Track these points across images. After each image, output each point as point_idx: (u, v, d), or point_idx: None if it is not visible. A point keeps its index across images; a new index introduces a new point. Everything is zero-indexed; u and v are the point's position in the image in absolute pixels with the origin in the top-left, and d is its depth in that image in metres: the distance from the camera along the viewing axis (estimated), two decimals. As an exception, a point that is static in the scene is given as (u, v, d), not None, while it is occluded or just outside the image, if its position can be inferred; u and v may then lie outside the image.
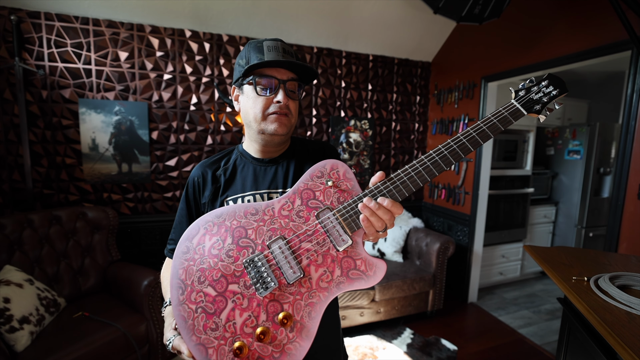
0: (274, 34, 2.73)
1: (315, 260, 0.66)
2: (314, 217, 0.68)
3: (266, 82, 0.79)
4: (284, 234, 0.67)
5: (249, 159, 0.89)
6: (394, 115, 3.35)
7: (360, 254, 0.66)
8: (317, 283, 0.65)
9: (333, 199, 0.69)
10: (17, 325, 1.54)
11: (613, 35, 1.88)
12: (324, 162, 0.72)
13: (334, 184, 0.69)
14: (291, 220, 0.68)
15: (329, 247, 0.66)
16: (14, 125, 2.21)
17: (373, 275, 0.65)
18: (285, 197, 0.71)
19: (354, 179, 0.70)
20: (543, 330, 2.68)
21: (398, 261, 2.83)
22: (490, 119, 0.68)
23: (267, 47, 0.79)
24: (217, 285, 0.65)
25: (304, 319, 0.64)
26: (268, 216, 0.69)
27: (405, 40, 3.09)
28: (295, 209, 0.69)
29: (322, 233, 0.67)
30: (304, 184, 0.71)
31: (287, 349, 0.62)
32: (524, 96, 0.70)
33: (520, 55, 2.46)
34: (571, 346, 1.18)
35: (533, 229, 3.64)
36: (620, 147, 1.87)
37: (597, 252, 1.30)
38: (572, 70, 3.74)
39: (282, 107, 0.79)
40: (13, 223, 1.95)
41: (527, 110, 0.68)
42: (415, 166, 0.66)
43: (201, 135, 2.69)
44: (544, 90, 0.70)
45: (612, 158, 3.42)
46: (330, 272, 0.65)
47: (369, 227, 0.64)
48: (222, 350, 0.61)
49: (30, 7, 2.17)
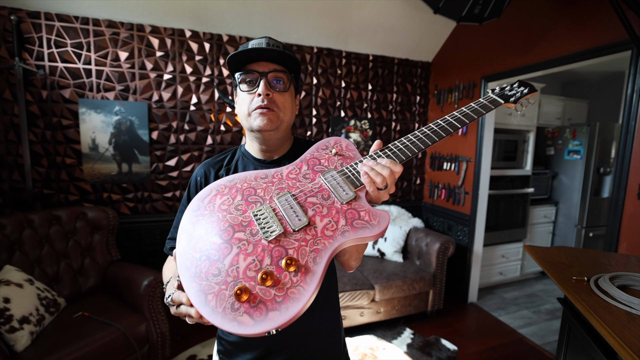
0: (274, 34, 2.73)
1: (321, 211, 0.68)
2: (319, 177, 0.73)
3: (249, 77, 0.79)
4: (292, 190, 0.72)
5: (251, 160, 0.88)
6: (394, 115, 3.35)
7: (364, 206, 0.68)
8: (322, 231, 0.66)
9: (337, 164, 0.75)
10: (17, 325, 1.54)
11: (613, 35, 1.88)
12: (328, 139, 0.80)
13: (337, 153, 0.76)
14: (298, 181, 0.73)
15: (333, 200, 0.69)
16: (14, 125, 2.21)
17: (377, 224, 0.66)
18: (293, 165, 0.76)
19: (355, 150, 0.77)
20: (543, 330, 2.68)
21: (398, 261, 2.82)
22: (472, 105, 0.77)
23: (251, 45, 0.79)
24: (223, 234, 0.66)
25: (309, 263, 0.63)
26: (276, 179, 0.73)
27: (405, 40, 3.09)
28: (302, 173, 0.74)
29: (326, 189, 0.71)
30: (310, 154, 0.77)
31: (290, 293, 0.61)
32: (499, 92, 0.82)
33: (520, 55, 2.46)
34: (571, 346, 1.18)
35: (533, 229, 3.64)
36: (620, 147, 1.87)
37: (597, 252, 1.30)
38: (572, 70, 3.74)
39: (263, 99, 0.78)
40: (13, 223, 1.95)
41: (504, 100, 0.80)
42: (410, 138, 0.74)
43: (201, 135, 2.69)
44: (516, 89, 0.82)
45: (612, 158, 3.42)
46: (335, 221, 0.67)
47: (369, 181, 0.67)
48: (222, 295, 0.60)
49: (30, 7, 2.17)
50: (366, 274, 2.60)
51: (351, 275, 2.51)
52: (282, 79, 0.81)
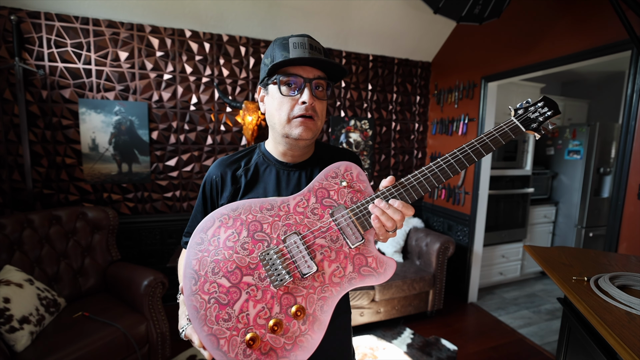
0: (274, 34, 2.73)
1: (329, 256, 0.67)
2: (328, 214, 0.70)
3: (291, 81, 0.75)
4: (299, 229, 0.69)
5: (272, 162, 0.85)
6: (394, 115, 3.35)
7: (371, 252, 0.69)
8: (330, 278, 0.67)
9: (347, 199, 0.71)
10: (17, 325, 1.54)
11: (613, 35, 1.88)
12: (339, 164, 0.74)
13: (347, 185, 0.72)
14: (306, 217, 0.70)
15: (342, 243, 0.68)
16: (14, 125, 2.21)
17: (384, 273, 0.67)
18: (300, 195, 0.72)
19: (366, 181, 0.73)
20: (543, 330, 2.68)
21: (398, 261, 2.82)
22: (493, 133, 0.73)
23: (292, 44, 0.74)
24: (231, 276, 0.65)
25: (317, 312, 0.65)
26: (283, 212, 0.70)
27: (405, 40, 3.09)
28: (310, 207, 0.71)
29: (335, 230, 0.69)
30: (318, 183, 0.73)
31: (299, 341, 0.63)
32: (522, 114, 0.75)
33: (520, 55, 2.46)
34: (571, 346, 1.18)
35: (533, 229, 3.64)
36: (620, 147, 1.87)
37: (597, 252, 1.30)
38: (572, 70, 3.75)
39: (308, 108, 0.74)
40: (13, 223, 1.95)
41: (526, 127, 0.74)
42: (424, 172, 0.70)
43: (201, 135, 2.69)
44: (540, 111, 0.75)
45: (612, 158, 3.42)
46: (343, 267, 0.67)
47: (379, 226, 0.67)
48: (234, 341, 0.61)
49: (30, 7, 2.17)
50: (366, 274, 2.59)
51: (351, 275, 2.51)
52: (323, 86, 0.78)
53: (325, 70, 0.77)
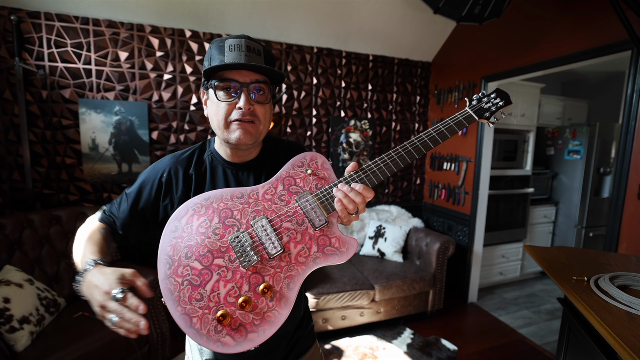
0: (274, 34, 2.73)
1: (295, 237, 0.72)
2: (294, 200, 0.75)
3: (227, 86, 0.73)
4: (267, 214, 0.73)
5: (221, 162, 0.84)
6: (394, 115, 3.35)
7: (334, 233, 0.73)
8: (295, 258, 0.71)
9: (312, 185, 0.76)
10: (17, 325, 1.54)
11: (613, 35, 1.88)
12: (305, 154, 0.79)
13: (312, 172, 0.77)
14: (273, 203, 0.74)
15: (307, 226, 0.73)
16: (14, 125, 2.21)
17: (346, 252, 0.72)
18: (269, 183, 0.76)
19: (330, 169, 0.78)
20: (543, 330, 2.68)
21: (398, 261, 2.82)
22: (448, 122, 0.79)
23: (228, 47, 0.72)
24: (203, 259, 0.69)
25: (283, 289, 0.70)
26: (252, 199, 0.74)
27: (405, 40, 3.09)
28: (277, 194, 0.75)
29: (301, 214, 0.73)
30: (286, 172, 0.77)
31: (266, 317, 0.68)
32: (476, 105, 0.82)
33: (520, 55, 2.46)
34: (571, 346, 1.18)
35: (533, 229, 3.64)
36: (620, 147, 1.87)
37: (597, 252, 1.30)
38: (572, 70, 3.75)
39: (245, 113, 0.73)
40: (13, 223, 1.95)
41: (479, 116, 0.81)
42: (384, 159, 0.75)
43: (201, 135, 2.69)
44: (492, 101, 0.82)
45: (612, 158, 3.42)
46: (308, 248, 0.72)
47: (342, 208, 0.71)
48: (206, 318, 0.66)
49: (30, 7, 2.17)
50: (366, 274, 2.60)
51: (351, 275, 2.51)
52: (264, 90, 0.76)
53: (267, 73, 0.75)
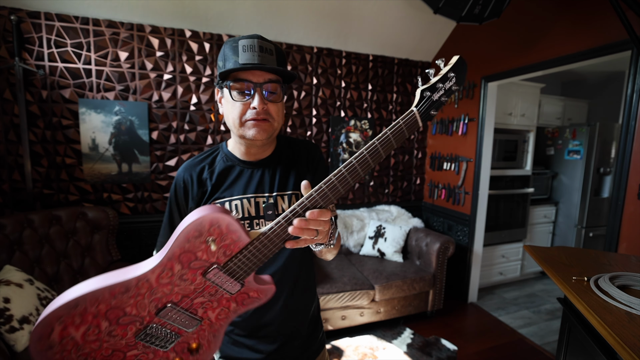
0: (274, 34, 2.73)
1: (211, 306, 0.68)
2: (199, 276, 0.63)
3: (241, 86, 0.76)
4: (171, 299, 0.63)
5: (236, 162, 0.87)
6: (394, 115, 3.35)
7: (252, 287, 0.68)
8: (216, 319, 0.69)
9: (219, 254, 0.63)
10: (17, 325, 1.54)
11: (613, 35, 1.88)
12: (200, 219, 0.60)
13: (216, 243, 0.62)
14: (175, 286, 0.63)
15: (222, 294, 0.67)
16: (14, 125, 2.21)
17: (265, 297, 0.71)
18: (160, 266, 0.61)
19: (239, 229, 0.62)
20: (543, 330, 2.68)
21: (398, 261, 2.82)
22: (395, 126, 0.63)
23: (242, 47, 0.75)
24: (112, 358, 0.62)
25: (210, 339, 0.70)
26: (145, 289, 0.61)
27: (405, 40, 3.09)
28: (176, 275, 0.62)
29: (212, 286, 0.65)
30: (179, 248, 0.61)
31: None
32: (425, 102, 0.64)
33: (520, 55, 2.46)
34: (571, 346, 1.18)
35: (533, 229, 3.64)
36: (620, 147, 1.87)
37: (597, 252, 1.30)
38: (572, 70, 3.75)
39: (259, 113, 0.76)
40: (13, 223, 1.95)
41: (424, 121, 0.64)
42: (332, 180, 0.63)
43: (201, 135, 2.69)
44: (446, 86, 0.64)
45: (612, 158, 3.42)
46: (227, 307, 0.69)
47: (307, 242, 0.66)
48: None
49: (30, 7, 2.17)
50: (366, 274, 2.60)
51: (351, 275, 2.51)
52: (276, 89, 0.79)
53: (277, 71, 0.77)
